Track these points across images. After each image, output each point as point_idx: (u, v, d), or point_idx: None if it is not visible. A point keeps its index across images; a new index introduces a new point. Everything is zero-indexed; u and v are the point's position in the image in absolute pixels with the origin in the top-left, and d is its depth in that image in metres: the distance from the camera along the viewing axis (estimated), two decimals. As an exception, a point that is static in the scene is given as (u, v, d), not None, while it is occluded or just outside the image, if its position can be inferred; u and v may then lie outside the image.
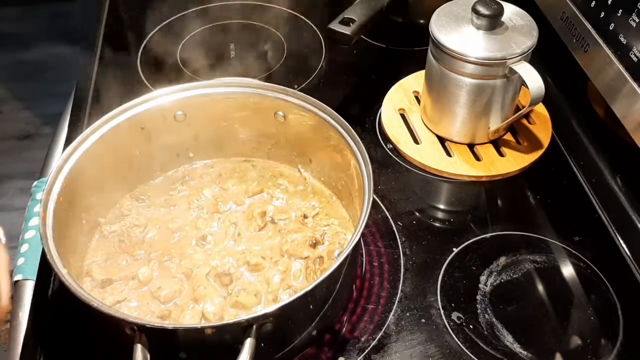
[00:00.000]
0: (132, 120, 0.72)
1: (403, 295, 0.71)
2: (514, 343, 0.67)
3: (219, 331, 0.56)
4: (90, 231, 0.72)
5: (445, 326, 0.69)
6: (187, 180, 0.79)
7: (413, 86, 0.96)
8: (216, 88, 0.75)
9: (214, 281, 0.68)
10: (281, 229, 0.73)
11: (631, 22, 0.71)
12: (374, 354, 0.66)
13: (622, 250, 0.77)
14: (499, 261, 0.75)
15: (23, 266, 0.73)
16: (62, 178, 0.65)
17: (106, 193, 0.74)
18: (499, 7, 0.78)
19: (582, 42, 0.81)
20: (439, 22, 0.81)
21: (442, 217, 0.82)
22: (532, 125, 0.90)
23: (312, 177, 0.79)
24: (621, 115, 0.75)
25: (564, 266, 0.75)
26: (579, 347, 0.67)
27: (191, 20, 1.10)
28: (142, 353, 0.53)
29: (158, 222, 0.74)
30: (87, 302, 0.54)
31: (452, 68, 0.80)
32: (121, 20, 1.12)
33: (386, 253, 0.76)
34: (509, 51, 0.77)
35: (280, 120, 0.76)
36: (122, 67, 1.01)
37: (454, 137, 0.88)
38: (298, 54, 1.04)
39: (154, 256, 0.70)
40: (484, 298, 0.71)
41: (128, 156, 0.75)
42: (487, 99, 0.82)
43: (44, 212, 0.62)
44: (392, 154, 0.88)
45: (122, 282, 0.68)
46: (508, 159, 0.86)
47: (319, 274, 0.68)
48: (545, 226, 0.79)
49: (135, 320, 0.56)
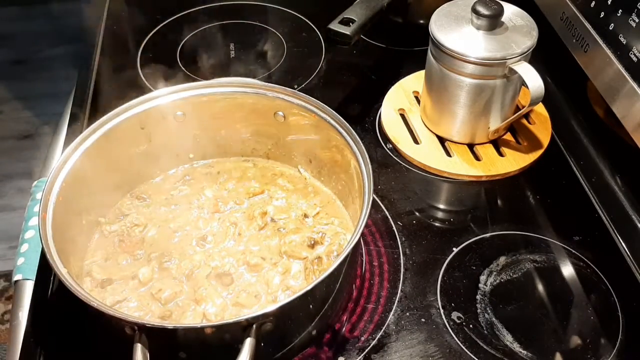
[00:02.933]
0: (132, 120, 0.72)
1: (403, 295, 0.71)
2: (514, 343, 0.67)
3: (219, 331, 0.56)
4: (90, 231, 0.72)
5: (445, 326, 0.69)
6: (188, 180, 0.79)
7: (413, 86, 0.96)
8: (216, 88, 0.75)
9: (215, 282, 0.68)
10: (281, 229, 0.73)
11: (631, 22, 0.71)
12: (373, 354, 0.66)
13: (622, 249, 0.77)
14: (498, 261, 0.75)
15: (23, 266, 0.73)
16: (62, 178, 0.65)
17: (106, 193, 0.74)
18: (498, 7, 0.78)
19: (582, 42, 0.81)
20: (439, 22, 0.81)
21: (442, 217, 0.82)
22: (532, 125, 0.90)
23: (312, 177, 0.79)
24: (621, 116, 0.75)
25: (564, 266, 0.75)
26: (578, 346, 0.67)
27: (191, 20, 1.11)
28: (142, 353, 0.53)
29: (158, 222, 0.74)
30: (87, 302, 0.54)
31: (452, 68, 0.80)
32: (121, 20, 1.12)
33: (386, 253, 0.76)
34: (508, 51, 0.77)
35: (280, 120, 0.76)
36: (122, 67, 1.01)
37: (453, 137, 0.88)
38: (298, 54, 1.04)
39: (154, 256, 0.70)
40: (484, 298, 0.71)
41: (128, 156, 0.75)
42: (487, 99, 0.82)
43: (43, 212, 0.62)
44: (392, 154, 0.88)
45: (122, 282, 0.68)
46: (508, 159, 0.86)
47: (318, 275, 0.68)
48: (545, 226, 0.79)
49: (135, 320, 0.56)
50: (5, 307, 1.77)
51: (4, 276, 1.82)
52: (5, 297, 1.79)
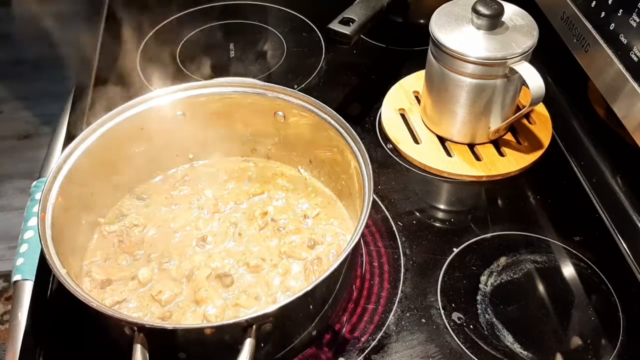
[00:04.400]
0: (132, 120, 0.72)
1: (403, 295, 0.71)
2: (514, 343, 0.67)
3: (219, 331, 0.56)
4: (89, 231, 0.72)
5: (446, 326, 0.68)
6: (187, 180, 0.79)
7: (413, 86, 0.96)
8: (216, 88, 0.75)
9: (215, 283, 0.68)
10: (280, 229, 0.73)
11: (632, 22, 0.71)
12: (374, 354, 0.66)
13: (623, 250, 0.76)
14: (499, 261, 0.75)
15: (22, 266, 0.73)
16: (61, 178, 0.65)
17: (105, 193, 0.74)
18: (499, 7, 0.78)
19: (582, 42, 0.81)
20: (439, 22, 0.81)
21: (442, 217, 0.81)
22: (532, 125, 0.90)
23: (312, 177, 0.79)
24: (622, 116, 0.75)
25: (564, 266, 0.75)
26: (579, 347, 0.67)
27: (191, 20, 1.11)
28: (142, 353, 0.53)
29: (158, 222, 0.74)
30: (86, 302, 0.54)
31: (452, 68, 0.80)
32: (121, 20, 1.12)
33: (386, 253, 0.75)
34: (509, 51, 0.77)
35: (280, 120, 0.75)
36: (122, 67, 1.01)
37: (454, 137, 0.87)
38: (298, 54, 1.04)
39: (153, 257, 0.70)
40: (484, 298, 0.71)
41: (128, 156, 0.75)
42: (487, 99, 0.82)
43: (42, 212, 0.61)
44: (392, 154, 0.88)
45: (122, 282, 0.68)
46: (508, 159, 0.86)
47: (317, 275, 0.67)
48: (546, 226, 0.79)
49: (134, 320, 0.56)
50: (4, 307, 1.77)
51: (3, 276, 1.82)
52: (4, 297, 1.79)
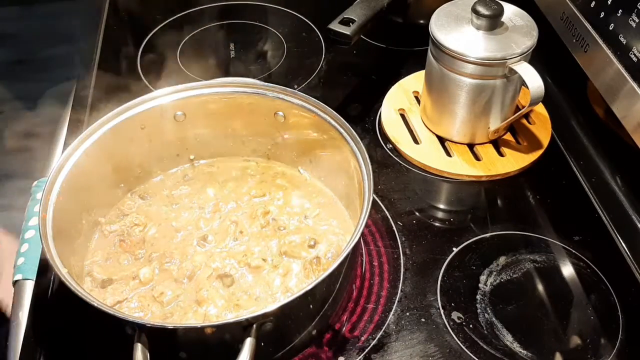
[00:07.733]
0: (132, 120, 0.72)
1: (403, 294, 0.71)
2: (514, 342, 0.67)
3: (219, 330, 0.56)
4: (90, 231, 0.72)
5: (445, 326, 0.69)
6: (188, 179, 0.79)
7: (413, 86, 0.96)
8: (216, 88, 0.75)
9: (216, 284, 0.68)
10: (280, 228, 0.73)
11: (631, 22, 0.71)
12: (374, 354, 0.66)
13: (622, 249, 0.77)
14: (498, 261, 0.75)
15: (23, 266, 0.73)
16: (62, 178, 0.65)
17: (106, 193, 0.74)
18: (498, 7, 0.78)
19: (582, 42, 0.81)
20: (439, 22, 0.81)
21: (442, 216, 0.82)
22: (532, 125, 0.90)
23: (312, 177, 0.79)
24: (621, 116, 0.75)
25: (563, 266, 0.75)
26: (578, 346, 0.67)
27: (191, 20, 1.11)
28: (142, 353, 0.53)
29: (159, 221, 0.74)
30: (87, 302, 0.54)
31: (452, 68, 0.80)
32: (121, 20, 1.12)
33: (386, 253, 0.76)
34: (508, 51, 0.77)
35: (280, 120, 0.76)
36: (122, 67, 1.01)
37: (454, 137, 0.88)
38: (298, 54, 1.04)
39: (154, 257, 0.70)
40: (484, 298, 0.71)
41: (128, 156, 0.75)
42: (487, 99, 0.82)
43: (43, 212, 0.62)
44: (392, 154, 0.88)
45: (123, 282, 0.68)
46: (508, 159, 0.86)
47: (317, 275, 0.67)
48: (545, 226, 0.79)
49: (135, 320, 0.56)
50: (5, 307, 1.76)
51: (4, 276, 1.82)
52: (5, 297, 1.78)
